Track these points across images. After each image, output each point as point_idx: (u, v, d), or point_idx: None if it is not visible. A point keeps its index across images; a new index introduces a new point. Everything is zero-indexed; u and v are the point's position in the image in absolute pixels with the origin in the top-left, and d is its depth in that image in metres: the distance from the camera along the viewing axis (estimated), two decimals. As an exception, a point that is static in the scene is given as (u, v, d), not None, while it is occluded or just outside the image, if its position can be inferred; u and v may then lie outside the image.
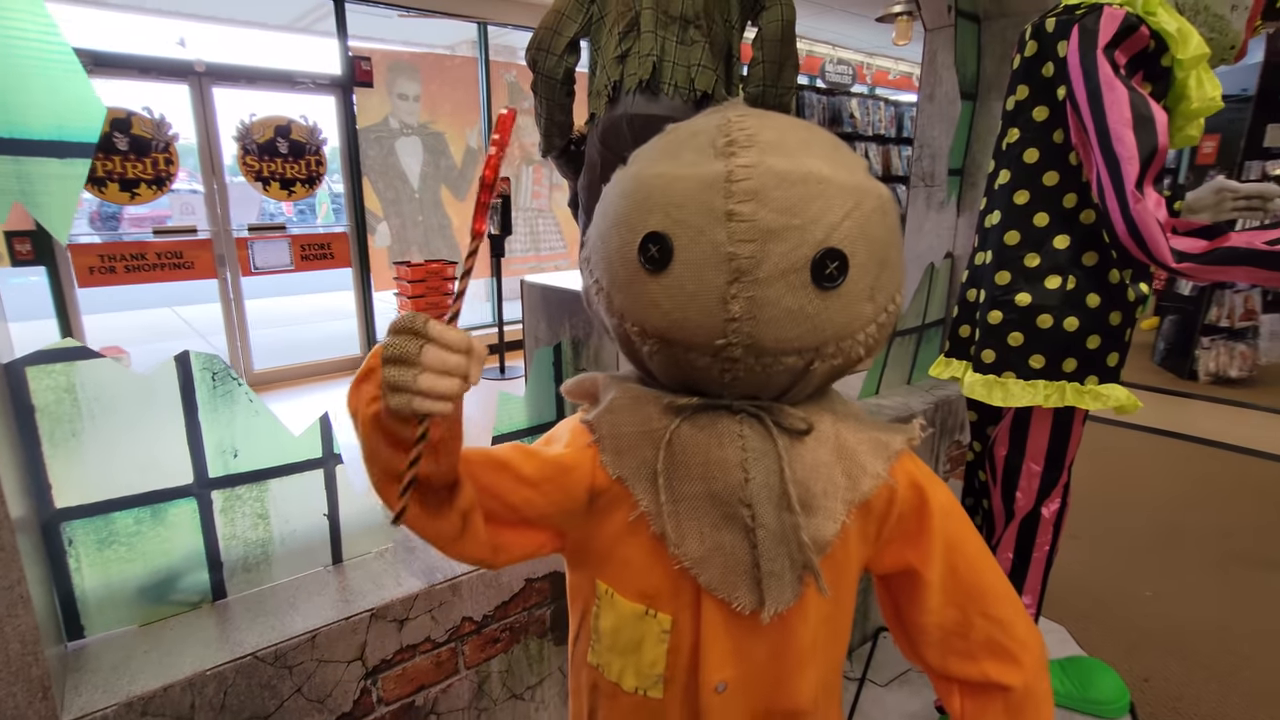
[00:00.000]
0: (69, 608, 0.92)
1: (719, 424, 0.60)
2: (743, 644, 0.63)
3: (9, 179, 0.77)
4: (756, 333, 0.54)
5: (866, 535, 0.65)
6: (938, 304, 2.06)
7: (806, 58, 8.08)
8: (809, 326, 0.55)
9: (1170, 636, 2.06)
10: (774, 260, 0.53)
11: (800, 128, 0.58)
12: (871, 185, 0.57)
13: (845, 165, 0.56)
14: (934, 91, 2.10)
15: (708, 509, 0.60)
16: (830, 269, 0.54)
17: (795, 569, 0.60)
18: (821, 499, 0.60)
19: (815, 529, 0.60)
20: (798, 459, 0.61)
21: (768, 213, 0.52)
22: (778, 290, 0.53)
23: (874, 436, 0.64)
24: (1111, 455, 3.49)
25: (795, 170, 0.53)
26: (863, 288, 0.56)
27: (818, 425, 0.62)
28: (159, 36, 5.23)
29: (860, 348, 0.59)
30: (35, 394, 0.84)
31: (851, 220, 0.54)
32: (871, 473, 0.62)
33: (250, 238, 4.56)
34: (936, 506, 0.65)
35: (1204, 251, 1.09)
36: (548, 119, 2.08)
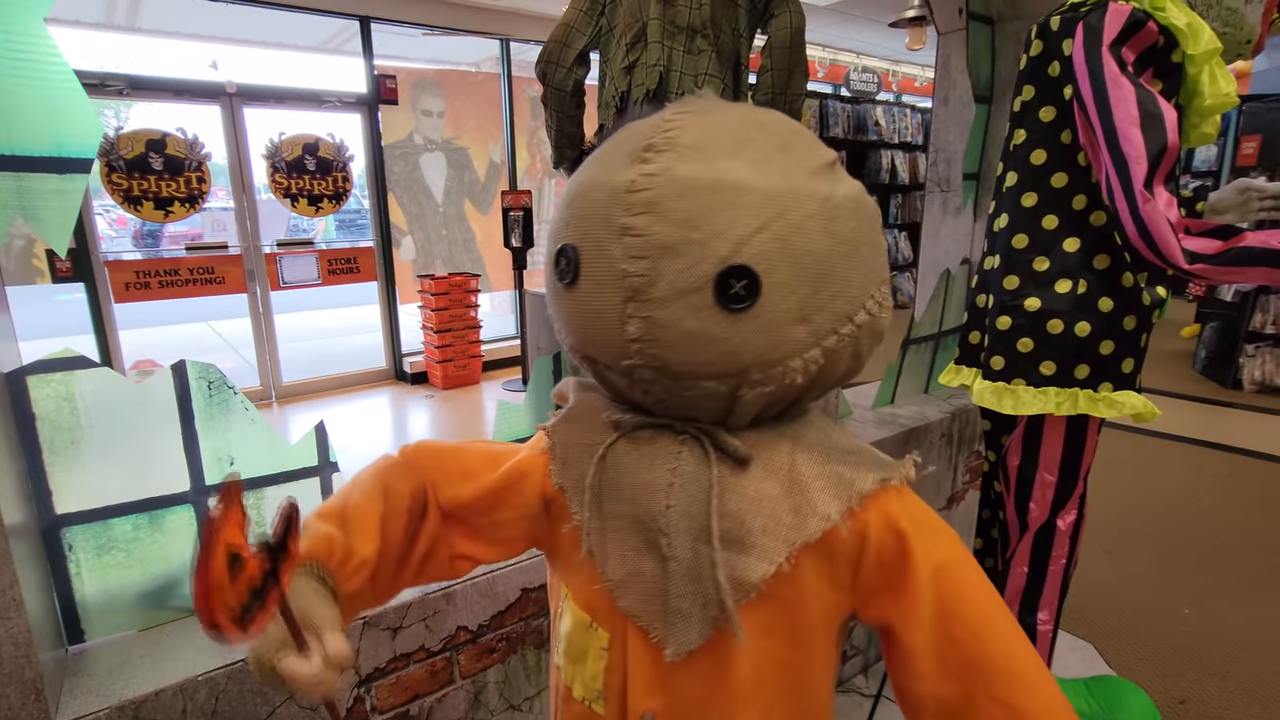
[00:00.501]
0: (69, 612, 0.94)
1: (657, 444, 0.57)
2: (669, 676, 0.58)
3: (10, 194, 0.80)
4: (661, 355, 0.50)
5: (837, 581, 0.56)
6: (954, 311, 2.01)
7: (830, 66, 8.05)
8: (720, 351, 0.49)
9: (1209, 657, 1.97)
10: (670, 279, 0.47)
11: (743, 124, 0.51)
12: (812, 189, 0.49)
13: (781, 168, 0.49)
14: (948, 95, 2.07)
15: (631, 533, 0.57)
16: (736, 289, 0.47)
17: (709, 609, 0.55)
18: (759, 535, 0.54)
19: (742, 568, 0.54)
20: (736, 490, 0.55)
21: (664, 226, 0.47)
22: (676, 311, 0.48)
23: (836, 472, 0.55)
24: (1150, 467, 3.36)
25: (703, 178, 0.47)
26: (787, 309, 0.49)
27: (771, 453, 0.56)
28: (192, 60, 5.42)
29: (797, 375, 0.51)
30: (36, 402, 0.86)
31: (770, 233, 0.47)
32: (821, 513, 0.53)
33: (279, 253, 4.67)
34: (924, 560, 0.54)
35: (1218, 252, 1.05)
36: (558, 131, 2.10)
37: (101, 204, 5.24)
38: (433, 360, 5.13)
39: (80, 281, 3.95)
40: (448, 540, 0.64)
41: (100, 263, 4.01)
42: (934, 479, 1.94)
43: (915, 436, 1.82)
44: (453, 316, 5.03)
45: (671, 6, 1.83)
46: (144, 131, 3.98)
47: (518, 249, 4.77)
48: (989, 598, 0.55)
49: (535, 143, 5.88)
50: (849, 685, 1.83)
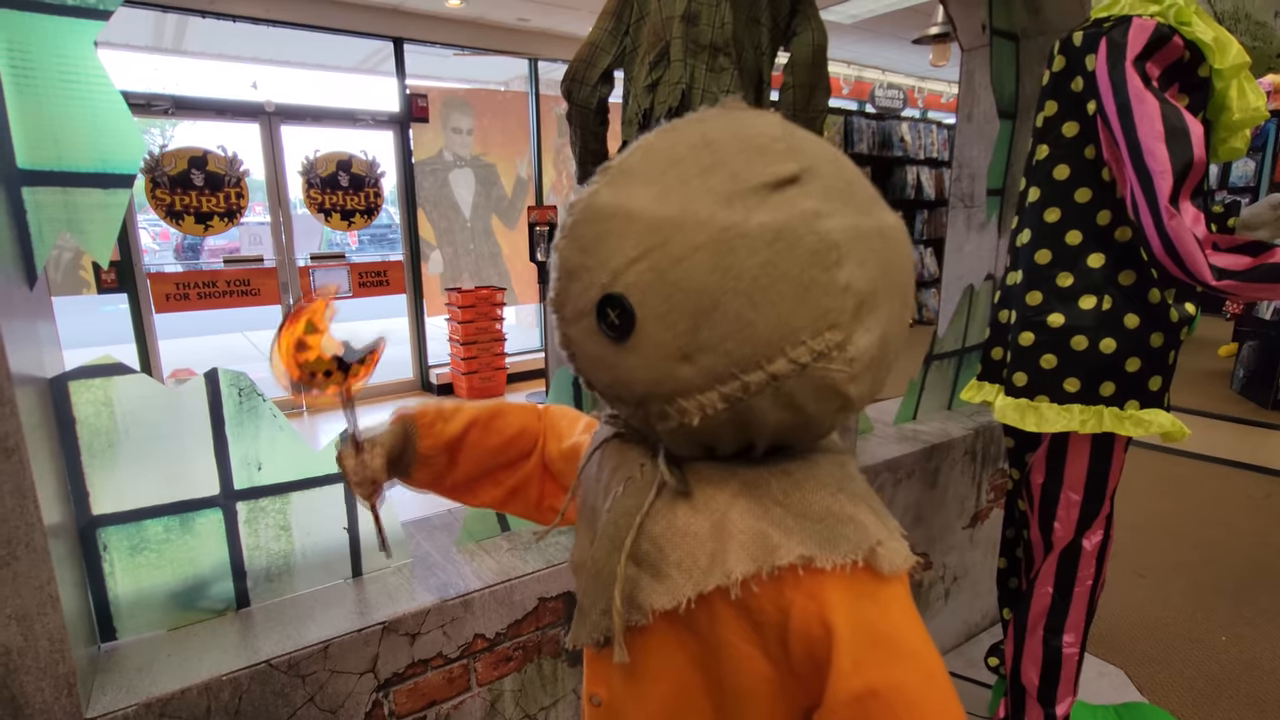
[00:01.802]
0: (103, 610, 0.97)
1: (631, 451, 0.59)
2: (603, 669, 0.60)
3: (58, 208, 0.84)
4: (582, 370, 0.53)
5: (770, 655, 0.50)
6: (978, 327, 1.99)
7: (856, 83, 8.04)
8: (614, 377, 0.49)
9: (1247, 686, 1.90)
10: (571, 301, 0.50)
11: (689, 145, 0.47)
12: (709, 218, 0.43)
13: (689, 194, 0.44)
14: (972, 112, 2.06)
15: (586, 526, 0.61)
16: (611, 317, 0.46)
17: (604, 615, 0.55)
18: (672, 569, 0.51)
19: (646, 592, 0.52)
20: (667, 516, 0.53)
21: (573, 251, 0.49)
22: (579, 332, 0.50)
23: (764, 532, 0.49)
24: (1185, 488, 3.27)
25: (608, 204, 0.47)
26: (665, 344, 0.45)
27: (712, 493, 0.52)
28: (234, 80, 5.61)
29: (694, 417, 0.47)
30: (76, 407, 0.90)
31: (646, 263, 0.44)
32: (724, 569, 0.49)
33: (312, 265, 4.79)
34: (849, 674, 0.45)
35: (1248, 268, 1.03)
36: (582, 148, 2.13)
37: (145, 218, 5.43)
38: (458, 372, 5.20)
39: (123, 292, 4.09)
40: (541, 485, 0.76)
41: (143, 275, 4.15)
42: (957, 497, 1.91)
43: (938, 453, 1.79)
44: (479, 329, 5.10)
45: (695, 25, 1.86)
46: (187, 149, 4.13)
47: (543, 263, 4.83)
48: None
49: (561, 159, 5.96)
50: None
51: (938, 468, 1.81)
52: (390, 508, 1.17)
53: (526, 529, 1.32)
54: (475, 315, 5.09)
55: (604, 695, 0.61)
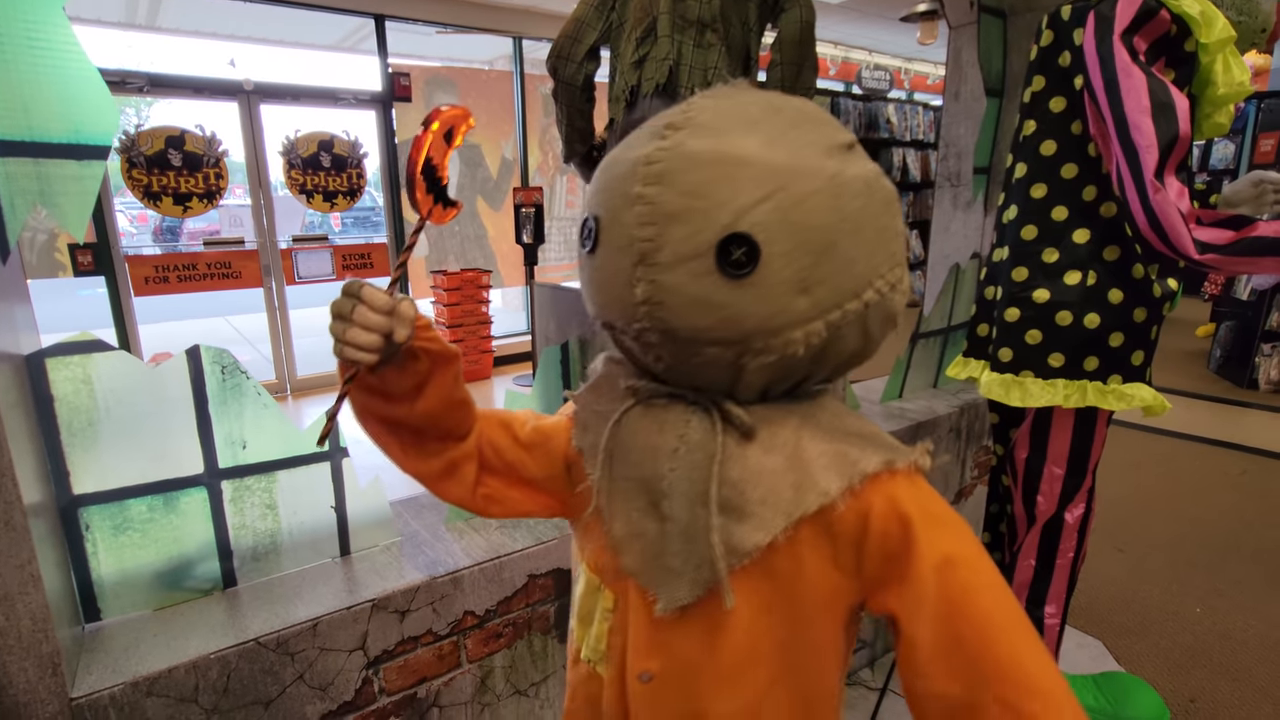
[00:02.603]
0: (86, 590, 0.96)
1: (669, 412, 0.59)
2: (666, 638, 0.60)
3: (29, 180, 0.82)
4: (667, 319, 0.52)
5: (841, 563, 0.57)
6: (964, 305, 2.00)
7: (842, 64, 8.01)
8: (721, 317, 0.51)
9: (1220, 656, 1.95)
10: (674, 245, 0.50)
11: (759, 106, 0.53)
12: (821, 166, 0.51)
13: (790, 144, 0.51)
14: (959, 90, 2.06)
15: (636, 494, 0.60)
16: (737, 255, 0.49)
17: (701, 570, 0.57)
18: (757, 506, 0.55)
19: (739, 535, 0.55)
20: (739, 460, 0.56)
21: (671, 195, 0.50)
22: (679, 276, 0.51)
23: (841, 450, 0.56)
24: (1164, 466, 3.33)
25: (710, 151, 0.50)
26: (786, 279, 0.50)
27: (775, 429, 0.57)
28: (211, 58, 5.49)
29: (799, 346, 0.52)
30: (54, 384, 0.88)
31: (772, 204, 0.49)
32: (820, 489, 0.54)
33: (294, 248, 4.72)
34: (929, 552, 0.53)
35: (1230, 242, 1.04)
36: (568, 125, 2.11)
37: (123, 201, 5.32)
38: (445, 356, 5.16)
39: (101, 275, 4.01)
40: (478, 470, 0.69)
41: (121, 257, 4.07)
42: (942, 473, 1.94)
43: (923, 431, 1.81)
44: (465, 312, 5.07)
45: (682, 1, 1.83)
46: (163, 128, 4.04)
47: (529, 245, 4.79)
48: (1000, 598, 0.53)
49: (547, 140, 5.90)
50: (855, 679, 1.83)
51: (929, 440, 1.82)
52: (378, 485, 1.17)
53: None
54: (461, 298, 5.06)
55: (659, 668, 0.61)
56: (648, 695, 0.62)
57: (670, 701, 0.61)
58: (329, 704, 1.02)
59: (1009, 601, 0.54)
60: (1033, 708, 0.50)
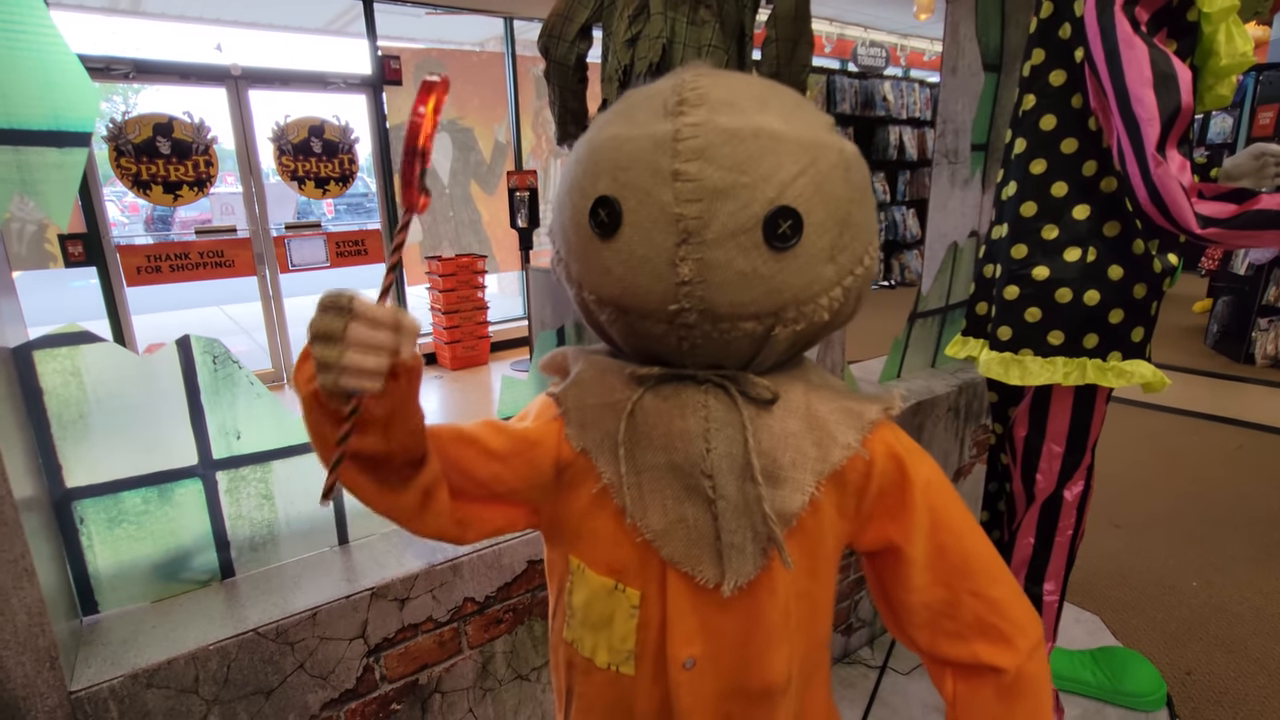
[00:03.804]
0: (83, 583, 0.96)
1: (683, 394, 0.59)
2: (709, 619, 0.61)
3: (9, 168, 0.80)
4: (709, 296, 0.52)
5: (844, 510, 0.63)
6: (962, 284, 1.99)
7: (838, 41, 7.92)
8: (764, 289, 0.53)
9: (1217, 629, 1.97)
10: (722, 220, 0.50)
11: (757, 85, 0.55)
12: (831, 141, 0.54)
13: (803, 122, 0.54)
14: (956, 65, 2.03)
15: (669, 481, 0.59)
16: (783, 228, 0.51)
17: (758, 541, 0.58)
18: (789, 470, 0.58)
19: (781, 500, 0.58)
20: (764, 429, 0.58)
21: (715, 171, 0.50)
22: (728, 251, 0.51)
23: (846, 406, 0.61)
24: (1161, 441, 3.34)
25: (745, 127, 0.51)
26: (821, 248, 0.53)
27: (787, 394, 0.60)
28: (197, 43, 5.40)
29: (824, 312, 0.56)
30: (43, 376, 0.87)
31: (807, 177, 0.52)
32: (842, 443, 0.59)
33: (287, 235, 4.68)
34: (919, 479, 0.62)
35: (1232, 216, 1.03)
36: (561, 106, 2.08)
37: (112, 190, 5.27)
38: (441, 341, 5.15)
39: (92, 266, 3.97)
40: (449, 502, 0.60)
41: (112, 247, 4.03)
42: (941, 453, 1.93)
43: (922, 410, 1.81)
44: (460, 298, 5.04)
45: (674, -24, 1.80)
46: (150, 116, 3.98)
47: (524, 229, 4.76)
48: (963, 507, 0.64)
49: (540, 122, 5.83)
50: (855, 657, 1.84)
51: (922, 424, 1.82)
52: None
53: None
54: (456, 284, 5.03)
55: (700, 651, 0.61)
56: (691, 681, 0.62)
57: (713, 681, 0.62)
58: (330, 692, 1.02)
59: (965, 508, 0.65)
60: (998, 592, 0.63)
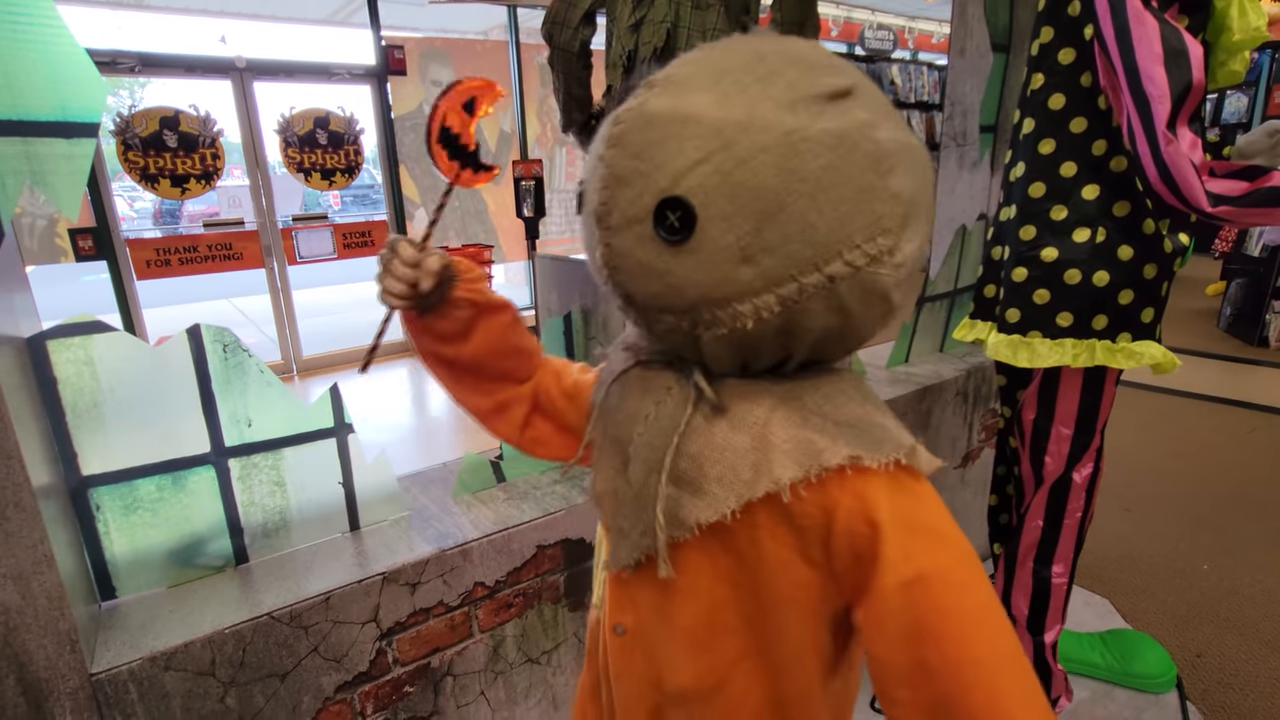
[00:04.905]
0: (100, 569, 0.97)
1: (658, 377, 0.59)
2: (633, 594, 0.61)
3: (19, 159, 0.81)
4: (624, 284, 0.52)
5: (809, 558, 0.52)
6: (970, 268, 1.98)
7: (845, 24, 7.83)
8: (665, 285, 0.49)
9: (1227, 611, 1.96)
10: (621, 208, 0.49)
11: (740, 56, 0.49)
12: (775, 122, 0.45)
13: (751, 100, 0.46)
14: (964, 46, 2.01)
15: (614, 453, 0.62)
16: (670, 220, 0.46)
17: (646, 535, 0.56)
18: (712, 483, 0.53)
19: (688, 508, 0.54)
20: (702, 434, 0.54)
21: (622, 158, 0.49)
22: (627, 240, 0.49)
23: (808, 439, 0.51)
24: (1173, 425, 3.32)
25: (664, 110, 0.47)
26: (726, 246, 0.46)
27: (747, 407, 0.53)
28: (202, 35, 5.40)
29: (748, 320, 0.48)
30: (57, 366, 0.88)
31: (711, 165, 0.45)
32: (771, 476, 0.50)
33: (295, 227, 4.70)
34: (897, 564, 0.48)
35: (1243, 194, 1.02)
36: (565, 93, 2.07)
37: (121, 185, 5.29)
38: (449, 332, 5.16)
39: (102, 260, 4.01)
40: (528, 412, 0.75)
41: (121, 241, 4.06)
42: (949, 438, 1.93)
43: (930, 394, 1.80)
44: (467, 288, 5.04)
45: (677, -40, 1.78)
46: (157, 109, 4.00)
47: (530, 218, 4.75)
48: (989, 630, 0.47)
49: (545, 111, 5.81)
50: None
51: (930, 409, 1.82)
52: (384, 461, 1.17)
53: (522, 479, 1.33)
54: (463, 274, 5.03)
55: (630, 623, 0.62)
56: (621, 649, 0.64)
57: (638, 657, 0.63)
58: (344, 675, 1.03)
59: (998, 638, 0.47)
60: None
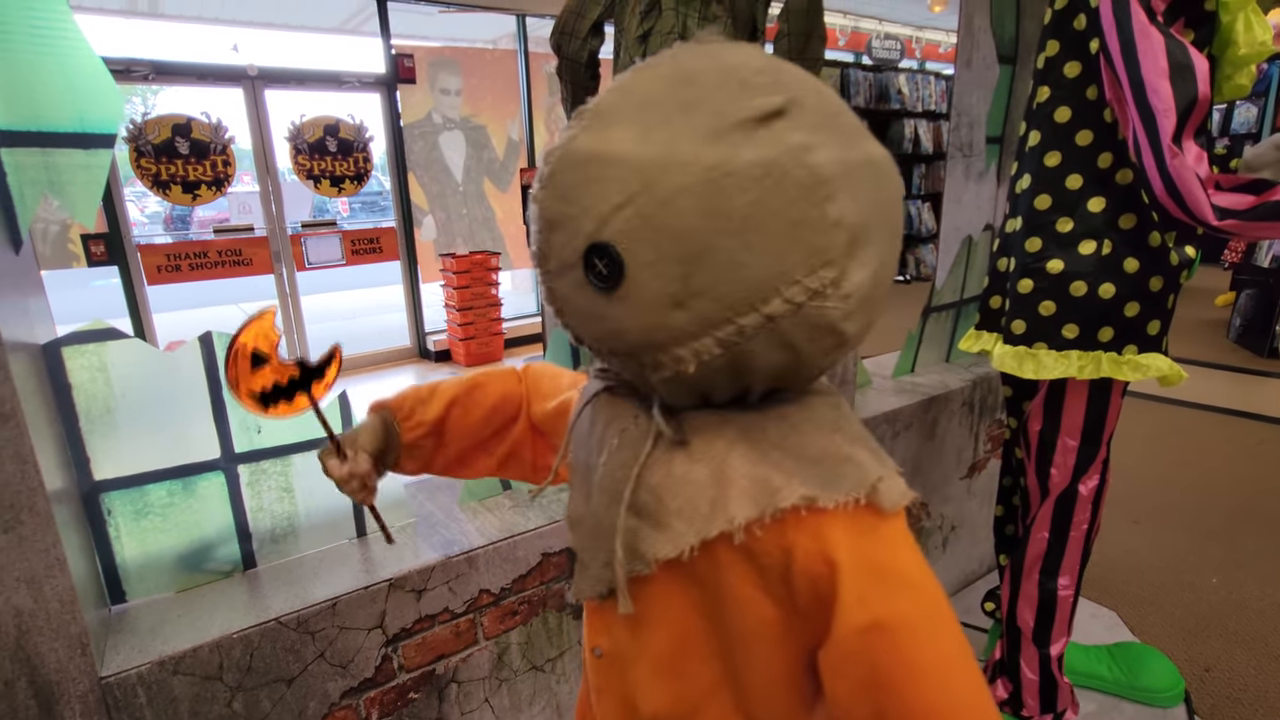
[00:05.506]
0: (111, 573, 0.98)
1: (622, 405, 0.58)
2: (607, 619, 0.60)
3: (37, 170, 0.82)
4: (571, 325, 0.51)
5: (773, 595, 0.50)
6: (976, 278, 1.98)
7: (852, 34, 7.86)
8: (606, 329, 0.48)
9: (1236, 625, 1.95)
10: (555, 253, 0.47)
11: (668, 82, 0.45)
12: (694, 157, 0.42)
13: (671, 133, 0.43)
14: (971, 57, 2.01)
15: (581, 480, 0.61)
16: (599, 267, 0.45)
17: (606, 568, 0.56)
18: (673, 517, 0.51)
19: (648, 542, 0.52)
20: (664, 466, 0.52)
21: (551, 200, 0.47)
22: (565, 286, 0.48)
23: (765, 476, 0.49)
24: (1182, 437, 3.30)
25: (588, 149, 0.45)
26: (656, 292, 0.44)
27: (710, 439, 0.51)
28: (214, 44, 5.47)
29: (689, 364, 0.46)
30: (71, 372, 0.90)
31: (633, 208, 0.43)
32: (726, 514, 0.49)
33: (304, 234, 4.74)
34: (854, 609, 0.45)
35: (1250, 207, 1.02)
36: (573, 103, 2.09)
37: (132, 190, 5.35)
38: (455, 338, 5.19)
39: (114, 265, 4.05)
40: (533, 447, 0.76)
41: (133, 247, 4.10)
42: (955, 448, 1.93)
43: (936, 405, 1.80)
44: (475, 295, 5.07)
45: (685, -28, 1.80)
46: (169, 116, 4.04)
47: (537, 226, 4.78)
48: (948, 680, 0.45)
49: (553, 119, 5.85)
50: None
51: (936, 419, 1.82)
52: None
53: (527, 486, 1.33)
54: (471, 281, 5.06)
55: (606, 646, 0.61)
56: (600, 669, 0.63)
57: (614, 680, 0.61)
58: (350, 681, 1.04)
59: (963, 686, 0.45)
60: None
